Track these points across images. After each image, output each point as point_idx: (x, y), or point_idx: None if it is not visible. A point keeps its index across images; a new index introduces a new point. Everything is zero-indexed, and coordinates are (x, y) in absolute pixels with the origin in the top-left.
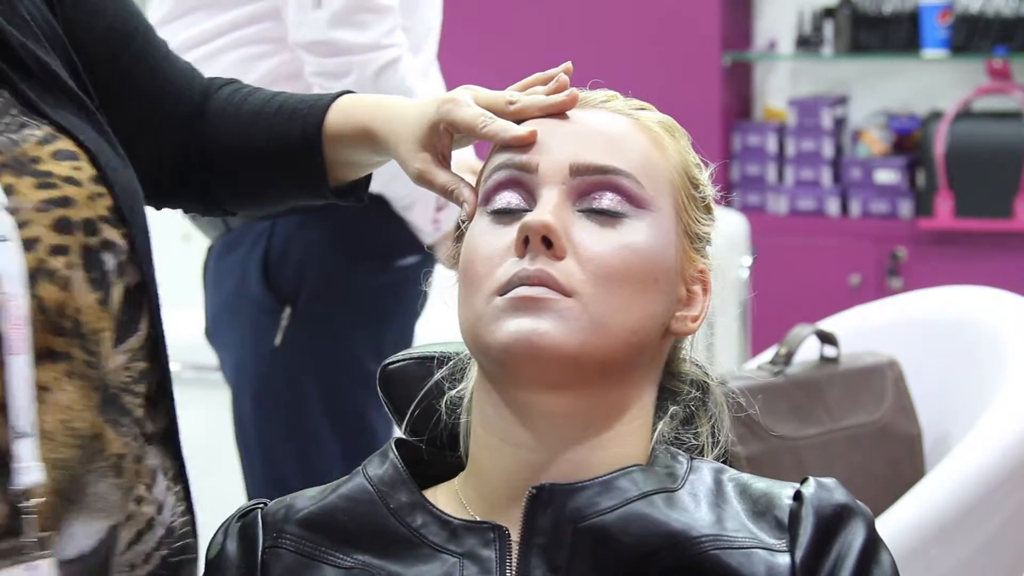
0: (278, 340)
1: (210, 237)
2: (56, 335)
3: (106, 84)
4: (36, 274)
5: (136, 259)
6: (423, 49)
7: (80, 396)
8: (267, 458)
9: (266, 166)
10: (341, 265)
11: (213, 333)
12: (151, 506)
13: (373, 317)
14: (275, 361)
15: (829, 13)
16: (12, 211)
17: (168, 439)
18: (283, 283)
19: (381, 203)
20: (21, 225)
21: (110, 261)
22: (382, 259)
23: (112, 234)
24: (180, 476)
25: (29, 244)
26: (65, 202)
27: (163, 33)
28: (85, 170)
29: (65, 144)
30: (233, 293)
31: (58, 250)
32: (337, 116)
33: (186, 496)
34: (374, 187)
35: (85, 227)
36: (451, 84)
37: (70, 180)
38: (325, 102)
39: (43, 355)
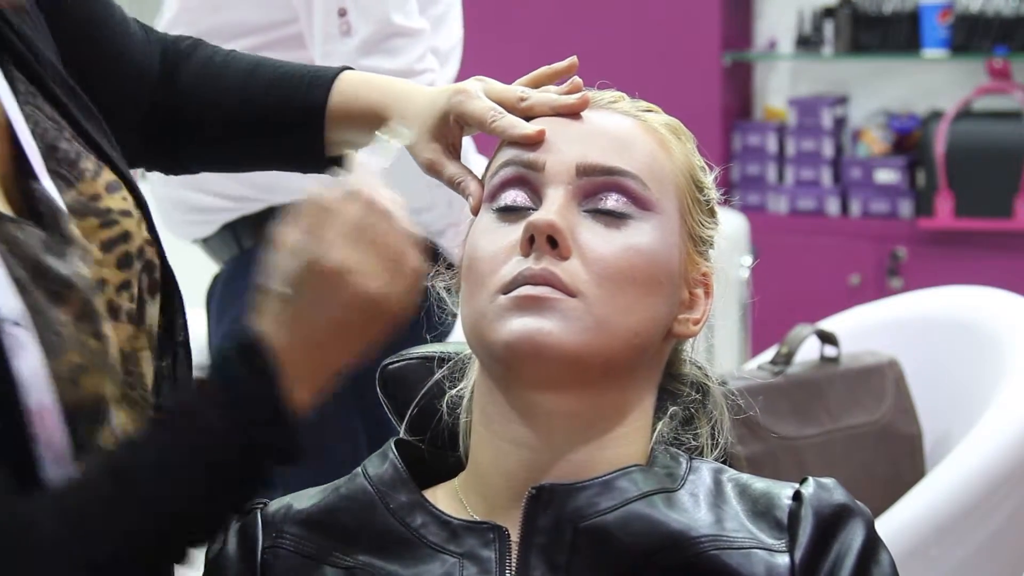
0: None
1: (220, 260)
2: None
3: (79, 62)
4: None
5: (165, 272)
6: (448, 64)
7: (131, 420)
8: (287, 484)
9: (256, 137)
10: None
11: None
12: None
13: (396, 335)
14: None
15: (829, 13)
16: (83, 256)
17: None
18: None
19: None
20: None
21: (144, 280)
22: None
23: (151, 253)
24: None
25: (101, 286)
26: (125, 238)
27: None
28: (128, 199)
29: (109, 175)
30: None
31: (123, 287)
32: (343, 97)
33: None
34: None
35: (139, 256)
36: (458, 78)
37: (124, 213)
38: (326, 80)
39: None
